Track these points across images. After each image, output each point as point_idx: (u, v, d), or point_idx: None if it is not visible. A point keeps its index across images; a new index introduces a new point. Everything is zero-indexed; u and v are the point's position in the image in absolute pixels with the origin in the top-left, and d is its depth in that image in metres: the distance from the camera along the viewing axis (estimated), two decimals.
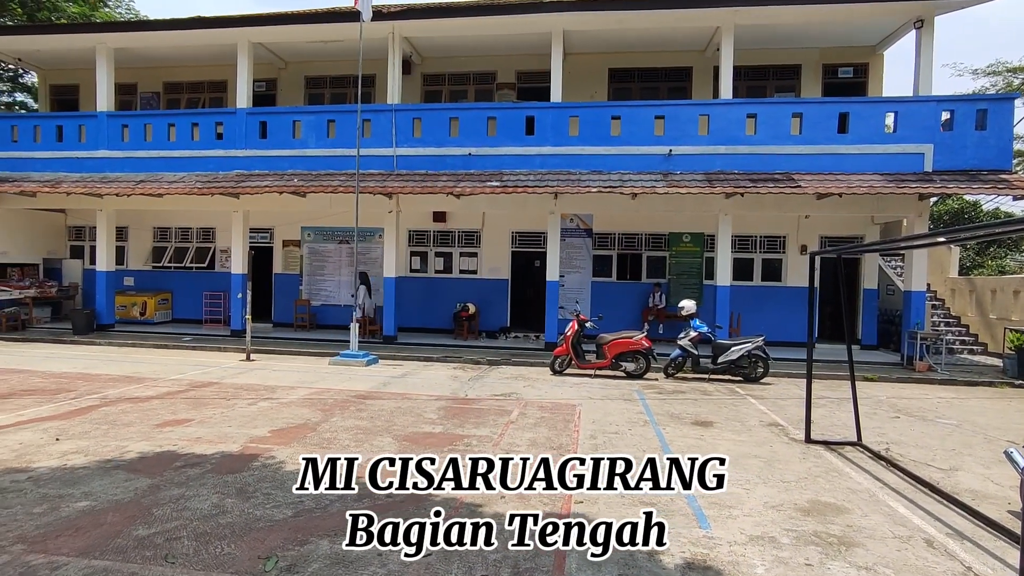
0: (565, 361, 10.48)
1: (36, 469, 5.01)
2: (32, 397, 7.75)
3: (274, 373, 9.98)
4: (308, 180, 12.97)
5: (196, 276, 16.24)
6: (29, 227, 15.90)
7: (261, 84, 15.93)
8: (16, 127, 15.14)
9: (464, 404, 7.97)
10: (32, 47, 15.38)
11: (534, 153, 12.68)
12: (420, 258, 15.18)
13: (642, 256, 14.32)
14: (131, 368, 10.15)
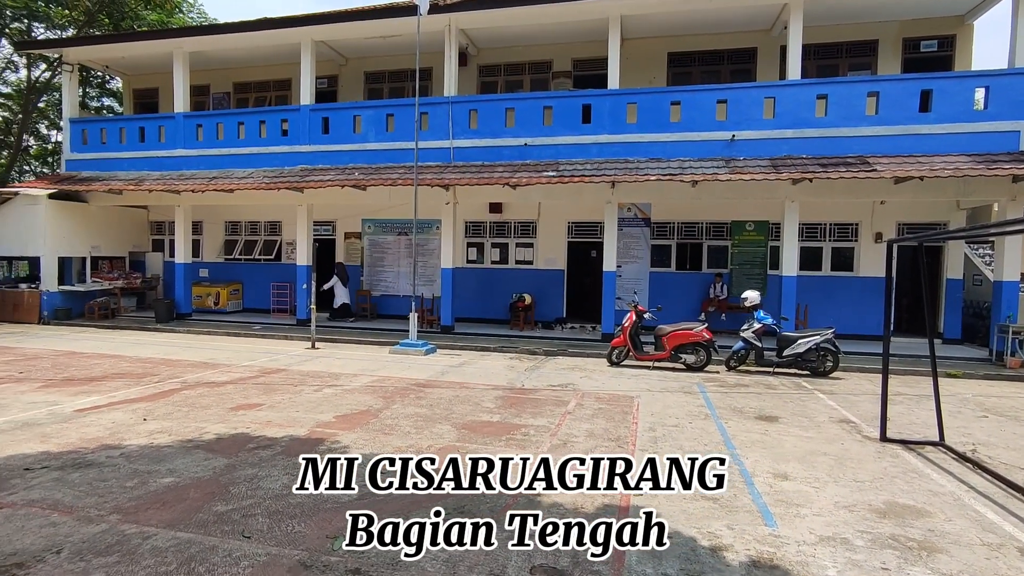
0: (623, 352, 10.34)
1: (127, 446, 5.40)
2: (122, 380, 8.36)
3: (337, 361, 10.34)
4: (368, 173, 13.31)
5: (264, 267, 17.01)
6: (117, 223, 17.08)
7: (323, 81, 16.41)
8: (104, 130, 16.27)
9: (521, 394, 8.01)
10: (117, 54, 16.43)
11: (591, 142, 12.51)
12: (476, 249, 15.31)
13: (703, 245, 13.90)
14: (207, 355, 10.76)
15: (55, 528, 3.75)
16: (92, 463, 4.94)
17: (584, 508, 4.28)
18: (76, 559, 3.38)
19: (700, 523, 4.07)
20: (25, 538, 3.62)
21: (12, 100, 27.31)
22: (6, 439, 5.54)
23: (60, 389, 7.69)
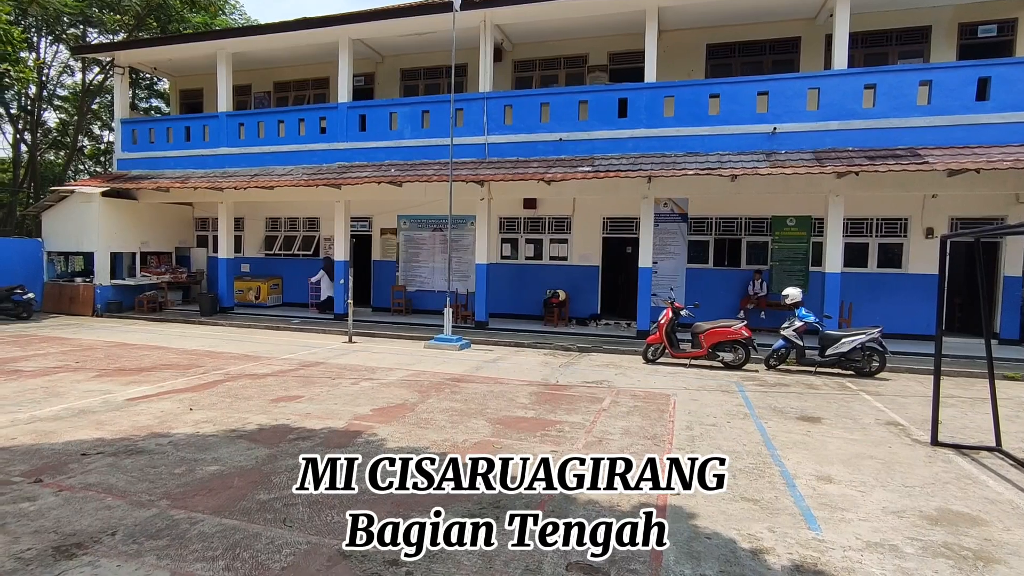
0: (658, 350, 10.20)
1: (174, 435, 5.60)
2: (170, 371, 8.67)
3: (374, 355, 10.50)
4: (404, 170, 13.45)
5: (303, 263, 17.39)
6: (164, 219, 17.72)
7: (360, 79, 16.64)
8: (153, 130, 16.89)
9: (555, 390, 7.98)
10: (165, 56, 17.00)
11: (627, 136, 12.35)
12: (511, 245, 15.32)
13: (741, 241, 13.57)
14: (248, 347, 11.08)
15: (110, 511, 3.92)
16: (143, 450, 5.14)
17: (620, 506, 4.24)
18: (130, 541, 3.52)
19: (740, 524, 3.98)
20: (83, 519, 3.79)
21: (68, 103, 28.61)
22: (64, 425, 5.81)
23: (113, 379, 8.02)
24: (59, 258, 16.66)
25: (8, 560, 3.29)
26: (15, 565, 3.24)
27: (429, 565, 3.34)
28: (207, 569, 3.23)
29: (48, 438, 5.42)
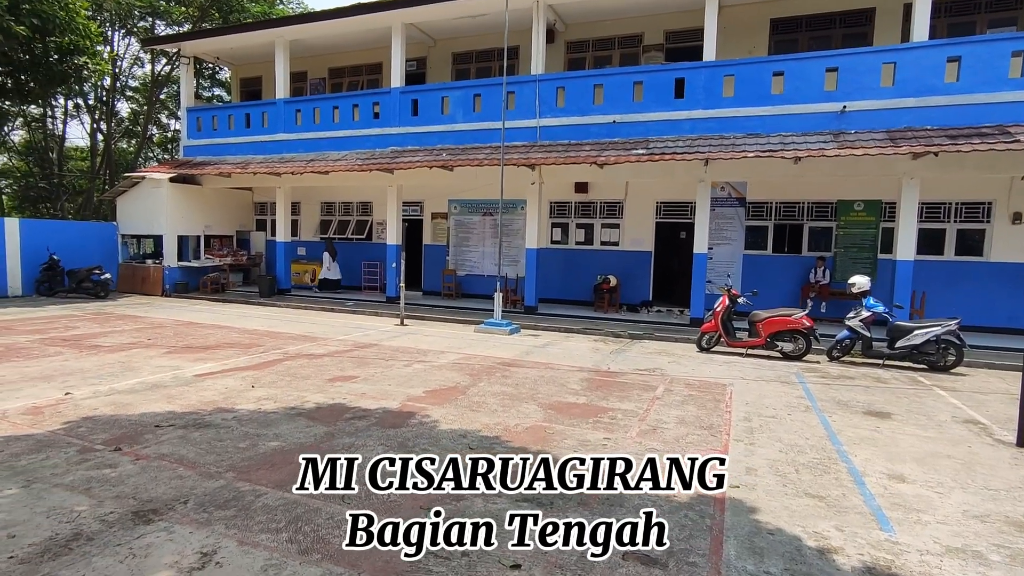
0: (713, 338, 9.91)
1: (238, 410, 5.83)
2: (232, 349, 9.04)
3: (425, 338, 10.63)
4: (455, 154, 13.48)
5: (356, 247, 17.77)
6: (225, 204, 18.44)
7: (412, 63, 16.73)
8: (215, 117, 17.53)
9: (607, 377, 7.87)
10: (226, 46, 17.57)
11: (683, 117, 11.94)
12: (561, 229, 15.17)
13: (803, 227, 12.97)
14: (305, 328, 11.42)
15: (181, 481, 4.11)
16: (210, 424, 5.37)
17: (677, 497, 4.13)
18: (200, 510, 3.68)
19: (805, 522, 3.81)
20: (158, 487, 3.99)
21: (139, 93, 30.07)
22: (140, 398, 6.14)
23: (181, 355, 8.43)
24: (132, 240, 17.62)
25: (94, 522, 3.50)
26: (100, 527, 3.44)
27: (484, 548, 3.34)
28: (272, 540, 3.34)
29: (125, 409, 5.74)
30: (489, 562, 3.21)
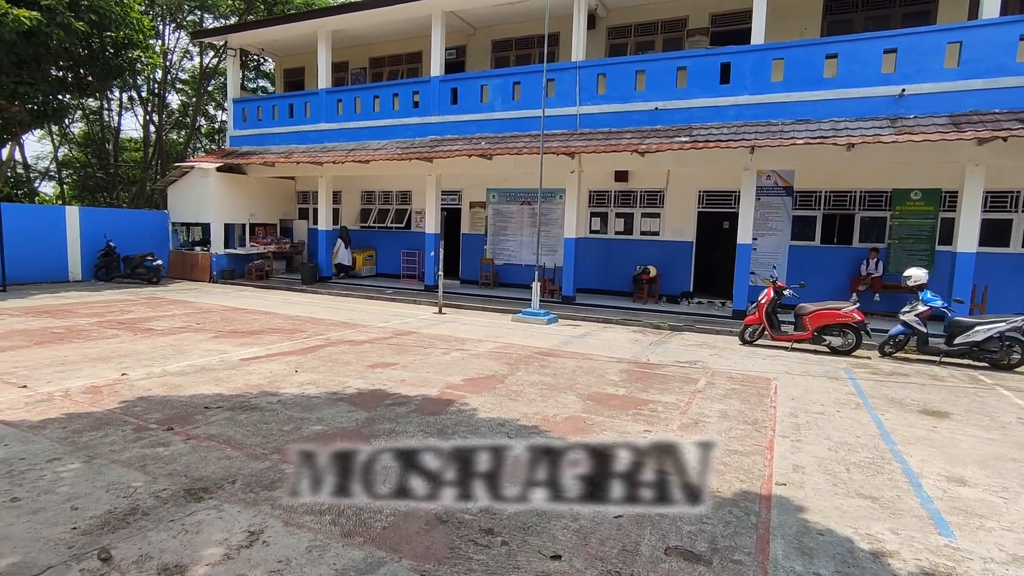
0: (757, 331, 9.64)
1: (282, 394, 5.97)
2: (276, 335, 9.27)
3: (463, 326, 10.68)
4: (494, 143, 13.42)
5: (395, 235, 17.97)
6: (269, 193, 18.90)
7: (451, 52, 16.71)
8: (260, 108, 17.93)
9: (646, 368, 7.75)
10: (270, 38, 17.91)
11: (728, 104, 11.57)
12: (600, 219, 14.97)
13: (855, 217, 12.44)
14: (345, 315, 11.62)
15: (229, 461, 4.23)
16: (255, 407, 5.52)
17: (720, 492, 4.03)
18: (247, 490, 3.78)
19: (857, 523, 3.66)
20: (208, 467, 4.12)
21: (188, 85, 31.03)
22: (189, 380, 6.36)
23: (228, 340, 8.69)
24: (182, 228, 18.25)
25: (149, 498, 3.63)
26: (155, 502, 3.57)
27: (524, 537, 3.33)
28: (316, 522, 3.41)
29: (176, 391, 5.95)
30: (529, 552, 3.19)
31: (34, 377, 6.27)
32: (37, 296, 12.85)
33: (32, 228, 14.99)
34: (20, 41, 14.53)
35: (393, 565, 3.01)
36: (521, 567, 3.05)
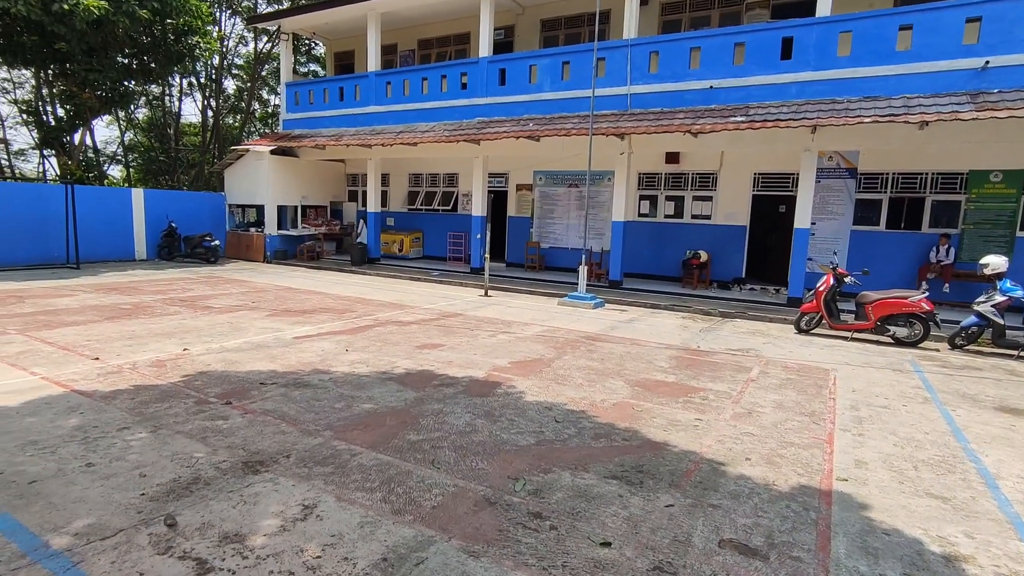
0: (814, 319, 9.24)
1: (334, 372, 6.10)
2: (327, 314, 9.49)
3: (509, 309, 10.67)
4: (542, 124, 13.24)
5: (442, 217, 18.08)
6: (320, 176, 19.29)
7: (500, 32, 16.51)
8: (312, 91, 18.24)
9: (696, 356, 7.55)
10: (321, 21, 18.12)
11: (789, 81, 11.01)
12: (649, 202, 14.62)
13: (924, 200, 11.70)
14: (394, 296, 11.80)
15: (284, 436, 4.35)
16: (308, 384, 5.66)
17: (777, 485, 3.88)
18: (301, 465, 3.88)
19: (927, 524, 3.46)
20: (263, 441, 4.25)
21: (243, 71, 31.89)
22: (246, 357, 6.58)
23: (281, 318, 8.96)
24: (237, 210, 18.88)
25: (210, 468, 3.78)
26: (215, 473, 3.71)
27: (573, 523, 3.30)
28: (367, 499, 3.46)
29: (234, 367, 6.17)
30: (578, 537, 3.16)
31: (105, 350, 6.62)
32: (107, 274, 13.57)
33: (102, 209, 15.81)
34: (90, 30, 15.21)
35: (442, 544, 3.03)
36: (570, 552, 3.02)
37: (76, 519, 3.14)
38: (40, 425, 4.39)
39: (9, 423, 4.41)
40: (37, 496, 3.37)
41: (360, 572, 2.77)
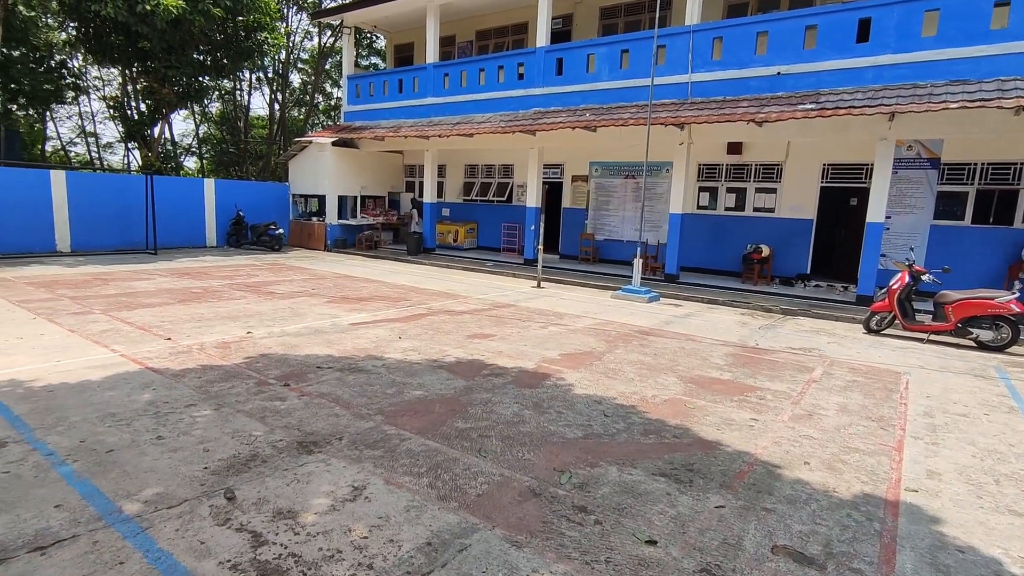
0: (885, 319, 8.70)
1: (386, 359, 6.24)
2: (382, 302, 9.72)
3: (561, 301, 10.60)
4: (599, 114, 13.02)
5: (496, 208, 18.14)
6: (379, 166, 19.73)
7: (558, 21, 16.32)
8: (372, 84, 18.64)
9: (754, 353, 7.26)
10: (382, 14, 18.45)
11: (866, 65, 10.34)
12: (709, 194, 14.15)
13: (1018, 193, 10.77)
14: (447, 286, 11.94)
15: (337, 419, 4.49)
16: (362, 369, 5.81)
17: (837, 492, 3.68)
18: (352, 448, 3.98)
19: (1008, 544, 3.19)
20: (318, 423, 4.39)
21: (308, 65, 32.99)
22: (304, 341, 6.83)
23: (339, 305, 9.23)
24: (300, 200, 19.59)
25: (267, 447, 3.94)
26: (272, 451, 3.87)
27: (618, 518, 3.24)
28: (414, 483, 3.52)
29: (293, 350, 6.41)
30: (623, 534, 3.10)
31: (176, 331, 7.02)
32: (181, 259, 14.40)
33: (177, 198, 16.76)
34: (169, 29, 16.08)
35: (486, 532, 3.04)
36: (614, 548, 2.96)
37: (146, 487, 3.34)
38: (118, 399, 4.70)
39: (92, 396, 4.75)
40: (113, 464, 3.61)
41: (405, 555, 2.82)
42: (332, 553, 2.82)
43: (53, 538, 2.84)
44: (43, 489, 3.28)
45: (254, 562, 2.73)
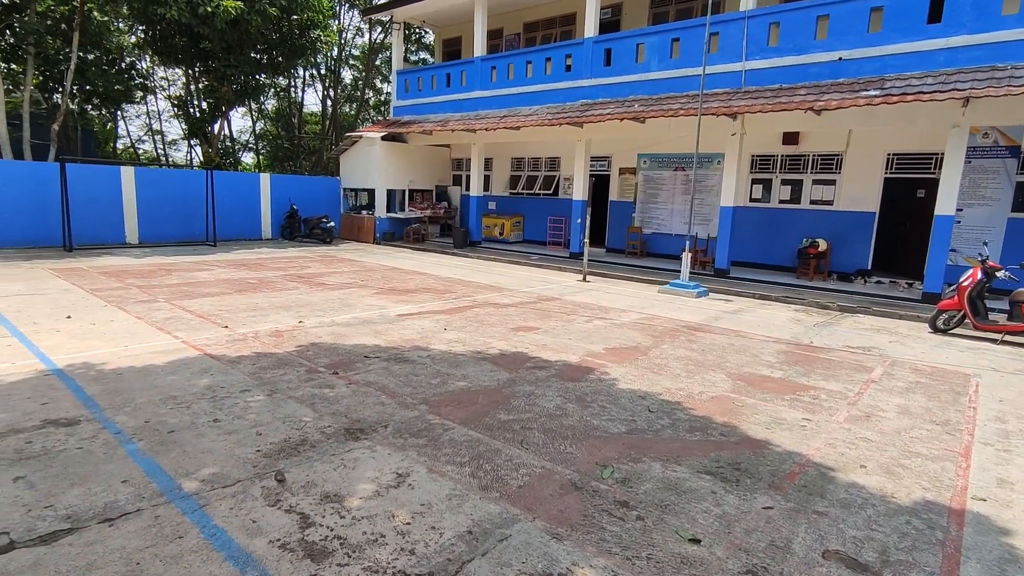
0: (954, 318, 8.21)
1: (432, 350, 6.33)
2: (429, 294, 9.86)
3: (607, 295, 10.49)
4: (648, 105, 12.76)
5: (542, 202, 18.08)
6: (426, 160, 19.97)
7: (606, 11, 16.06)
8: (420, 78, 18.86)
9: (808, 351, 6.99)
10: (431, 9, 18.61)
11: (938, 47, 9.73)
12: (762, 186, 13.66)
13: None
14: (493, 279, 12.00)
15: (383, 407, 4.59)
16: (407, 359, 5.91)
17: (896, 498, 3.50)
18: (397, 436, 4.07)
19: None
20: (365, 410, 4.50)
21: (359, 61, 33.67)
22: (353, 331, 7.01)
23: (386, 296, 9.42)
24: (351, 193, 20.07)
25: (316, 432, 4.07)
26: (320, 437, 3.99)
27: (661, 515, 3.18)
28: (456, 472, 3.56)
29: (342, 339, 6.59)
30: (665, 531, 3.04)
31: (233, 319, 7.33)
32: (238, 251, 15.01)
33: (235, 192, 17.46)
34: (228, 29, 16.72)
35: (526, 524, 3.04)
36: (656, 545, 2.92)
37: (203, 467, 3.51)
38: (179, 383, 4.95)
39: (156, 379, 5.02)
40: (174, 444, 3.80)
41: (446, 542, 2.86)
42: (376, 537, 2.89)
43: (120, 511, 3.02)
44: (112, 465, 3.50)
45: (302, 542, 2.82)
